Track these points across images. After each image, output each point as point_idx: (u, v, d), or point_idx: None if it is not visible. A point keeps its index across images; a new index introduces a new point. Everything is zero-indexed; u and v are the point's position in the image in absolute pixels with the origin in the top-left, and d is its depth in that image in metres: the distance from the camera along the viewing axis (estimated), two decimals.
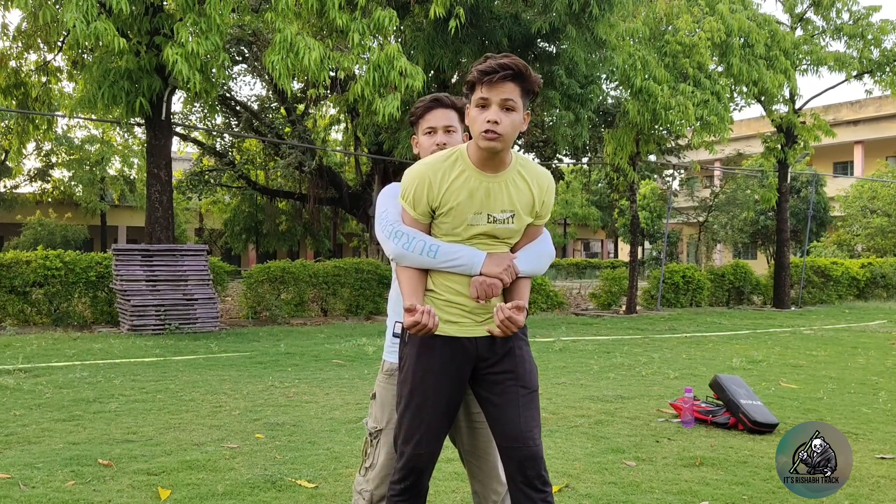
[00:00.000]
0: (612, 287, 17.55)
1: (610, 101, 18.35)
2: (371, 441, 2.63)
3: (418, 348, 2.34)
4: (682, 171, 26.56)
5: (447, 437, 2.53)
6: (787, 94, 17.83)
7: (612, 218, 35.32)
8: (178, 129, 22.56)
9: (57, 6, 10.68)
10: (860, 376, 7.82)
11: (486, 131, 2.20)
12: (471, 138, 2.32)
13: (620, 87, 16.94)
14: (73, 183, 30.37)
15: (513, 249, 2.40)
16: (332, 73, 16.28)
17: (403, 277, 2.34)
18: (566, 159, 23.02)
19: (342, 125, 24.08)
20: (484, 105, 2.22)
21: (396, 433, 2.39)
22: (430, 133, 2.60)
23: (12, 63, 13.84)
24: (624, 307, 16.67)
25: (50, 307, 12.39)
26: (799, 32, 17.99)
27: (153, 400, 6.15)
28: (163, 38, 11.08)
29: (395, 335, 2.56)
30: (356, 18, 10.87)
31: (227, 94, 22.58)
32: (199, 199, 30.04)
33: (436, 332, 2.28)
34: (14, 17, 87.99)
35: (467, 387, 2.41)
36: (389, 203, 2.44)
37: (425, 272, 2.35)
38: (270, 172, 26.86)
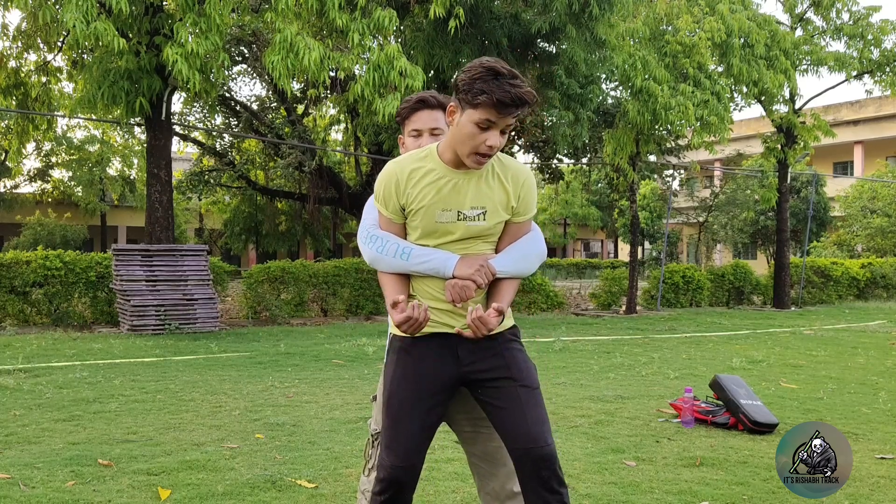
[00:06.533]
0: (612, 287, 17.55)
1: (610, 101, 18.34)
2: (372, 442, 2.63)
3: (397, 354, 2.31)
4: (682, 171, 26.56)
5: (456, 440, 2.49)
6: (787, 94, 17.83)
7: (612, 218, 35.33)
8: (178, 129, 22.56)
9: (57, 6, 10.68)
10: (860, 376, 7.81)
11: (483, 154, 2.17)
12: None
13: (620, 87, 16.95)
14: (72, 183, 30.38)
15: (498, 249, 2.35)
16: (332, 73, 16.28)
17: (386, 282, 2.32)
18: (566, 159, 23.00)
19: (342, 125, 24.07)
20: (487, 127, 2.14)
21: (381, 442, 2.34)
22: (415, 136, 2.56)
23: (12, 63, 13.84)
24: (624, 307, 16.67)
25: (50, 307, 12.39)
26: (799, 32, 17.98)
27: (153, 400, 6.15)
28: (163, 38, 11.08)
29: None
30: (356, 18, 10.88)
31: (227, 95, 22.57)
32: (199, 200, 30.03)
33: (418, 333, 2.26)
34: (14, 17, 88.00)
35: (453, 397, 2.35)
36: (370, 211, 2.44)
37: (406, 277, 2.32)
38: (270, 172, 26.85)
